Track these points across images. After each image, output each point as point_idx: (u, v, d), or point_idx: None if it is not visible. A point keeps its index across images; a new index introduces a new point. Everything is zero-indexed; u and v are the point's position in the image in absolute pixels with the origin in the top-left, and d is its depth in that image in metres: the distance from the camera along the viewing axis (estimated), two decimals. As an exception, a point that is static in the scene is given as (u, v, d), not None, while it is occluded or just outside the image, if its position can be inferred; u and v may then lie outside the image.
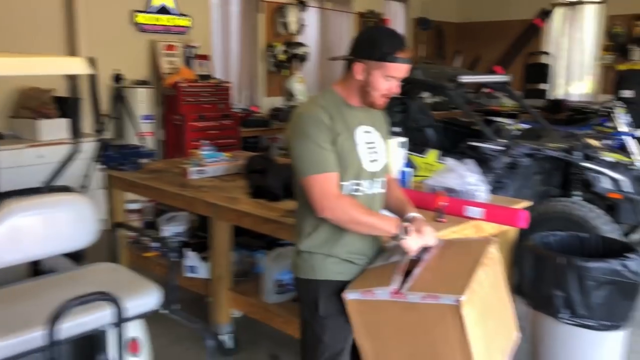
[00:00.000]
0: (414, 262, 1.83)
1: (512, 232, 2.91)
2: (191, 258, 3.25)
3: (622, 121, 5.44)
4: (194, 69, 6.17)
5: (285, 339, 3.02)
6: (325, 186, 1.80)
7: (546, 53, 9.60)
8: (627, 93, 6.68)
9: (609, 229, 3.64)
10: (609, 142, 5.35)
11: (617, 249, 2.78)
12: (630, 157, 4.83)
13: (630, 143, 5.33)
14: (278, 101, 7.43)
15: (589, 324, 2.59)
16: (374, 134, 1.97)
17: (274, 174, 2.97)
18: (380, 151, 1.97)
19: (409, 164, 4.17)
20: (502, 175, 4.08)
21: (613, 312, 2.61)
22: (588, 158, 4.13)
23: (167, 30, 6.16)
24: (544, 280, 2.65)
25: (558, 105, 8.63)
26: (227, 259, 3.05)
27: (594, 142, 4.54)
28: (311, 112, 1.84)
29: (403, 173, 3.07)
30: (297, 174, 1.85)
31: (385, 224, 1.85)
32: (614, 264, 2.55)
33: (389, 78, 1.84)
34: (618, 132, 5.46)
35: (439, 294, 1.65)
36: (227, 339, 3.12)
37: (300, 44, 7.57)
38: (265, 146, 7.01)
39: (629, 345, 2.86)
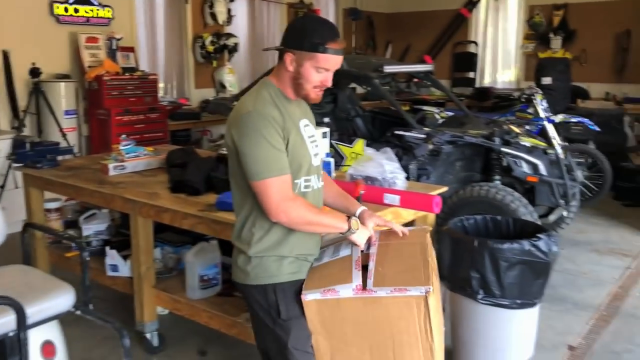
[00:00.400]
0: (364, 256, 1.85)
1: (431, 217, 2.99)
2: (112, 256, 3.17)
3: (541, 107, 5.67)
4: (118, 62, 5.98)
5: (212, 334, 3.01)
6: (283, 189, 1.74)
7: (473, 42, 9.87)
8: (546, 80, 6.97)
9: (525, 211, 3.80)
10: (530, 127, 5.57)
11: (530, 231, 2.90)
12: (550, 142, 5.05)
13: (549, 128, 5.56)
14: (208, 93, 7.32)
15: (504, 302, 2.70)
16: (312, 127, 1.93)
17: (194, 167, 2.92)
18: (320, 144, 1.96)
19: (337, 153, 4.21)
20: (426, 162, 4.19)
21: (525, 290, 2.72)
22: (507, 143, 4.29)
23: (88, 21, 5.94)
24: (461, 262, 2.74)
25: (485, 93, 8.91)
26: (149, 256, 2.99)
27: (515, 128, 4.72)
28: (263, 110, 1.75)
29: (326, 164, 3.09)
30: (250, 176, 1.75)
31: (336, 221, 1.83)
32: (525, 245, 2.66)
33: (320, 70, 1.77)
34: (538, 117, 5.69)
35: (407, 287, 1.67)
36: (152, 337, 3.07)
37: (230, 35, 7.47)
38: (196, 139, 6.90)
39: (541, 320, 3.01)
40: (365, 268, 1.79)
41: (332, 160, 3.16)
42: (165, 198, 2.79)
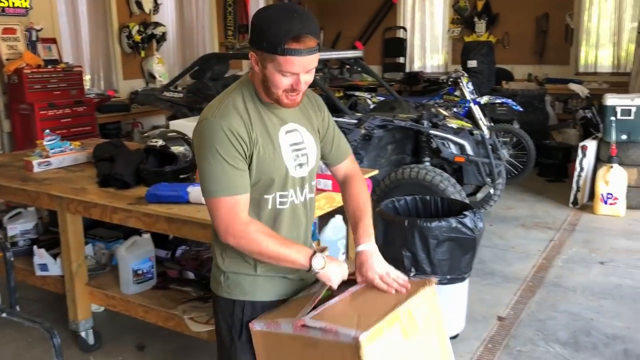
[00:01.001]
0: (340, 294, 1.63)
1: (363, 200, 3.05)
2: (41, 255, 3.07)
3: (467, 90, 5.87)
4: (40, 54, 5.74)
5: (150, 329, 2.98)
6: (233, 211, 1.55)
7: (402, 28, 10.05)
8: (472, 63, 7.20)
9: (454, 190, 3.95)
10: (457, 109, 5.77)
11: (457, 209, 3.03)
12: (477, 123, 5.26)
13: (475, 109, 5.78)
14: (138, 84, 7.13)
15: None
16: (300, 132, 1.66)
17: (122, 160, 2.86)
18: (310, 151, 1.68)
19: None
20: (358, 147, 4.26)
21: (454, 266, 2.84)
22: (435, 126, 4.43)
23: (3, 11, 5.65)
24: (393, 242, 2.83)
25: (415, 77, 9.13)
26: (80, 253, 2.92)
27: (443, 111, 4.87)
28: (222, 120, 1.52)
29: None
30: (202, 190, 1.59)
31: (297, 256, 1.57)
32: (452, 222, 2.78)
33: (285, 73, 1.49)
34: (464, 99, 5.89)
35: (339, 328, 1.45)
36: (87, 335, 3.01)
37: (157, 24, 7.30)
38: (126, 132, 6.73)
39: (472, 294, 3.15)
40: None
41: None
42: (94, 193, 2.73)
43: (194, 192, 2.50)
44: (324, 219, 2.95)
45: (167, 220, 2.47)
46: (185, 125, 3.12)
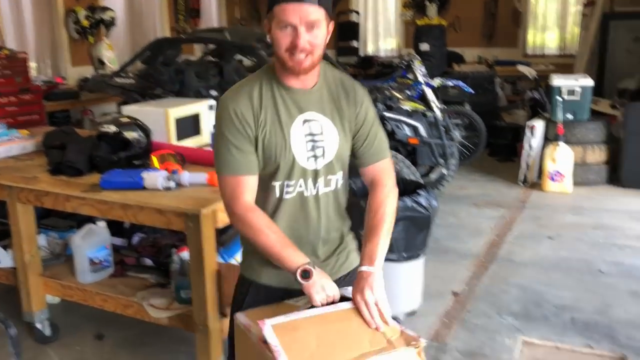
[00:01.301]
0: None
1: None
2: (-9, 247, 2.99)
3: (419, 72, 5.95)
4: (-20, 40, 5.52)
5: (108, 318, 2.94)
6: (235, 192, 1.54)
7: (355, 11, 10.08)
8: (424, 46, 7.30)
9: (408, 171, 4.03)
10: (410, 92, 5.84)
11: (412, 189, 3.09)
12: (429, 105, 5.34)
13: (428, 92, 5.87)
14: (86, 70, 6.94)
15: (391, 257, 2.87)
16: (321, 123, 1.58)
17: (74, 147, 2.80)
18: (329, 144, 1.59)
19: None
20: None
21: (410, 244, 2.92)
22: (389, 109, 4.49)
23: (-61, -4, 5.41)
24: (352, 222, 2.86)
25: (369, 61, 9.19)
26: (33, 243, 2.85)
27: (396, 94, 4.93)
28: (230, 100, 1.54)
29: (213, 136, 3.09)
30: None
31: (287, 259, 1.50)
32: (407, 201, 2.84)
33: (282, 27, 1.47)
34: (417, 82, 5.97)
35: (280, 356, 1.32)
36: (43, 326, 2.95)
37: (105, 9, 7.12)
38: (76, 120, 6.54)
39: (427, 271, 3.24)
40: None
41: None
42: (46, 181, 2.66)
43: (149, 177, 2.48)
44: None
45: (122, 207, 2.44)
46: (138, 111, 3.07)
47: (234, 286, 1.78)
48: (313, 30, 1.49)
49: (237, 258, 2.58)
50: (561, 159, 5.32)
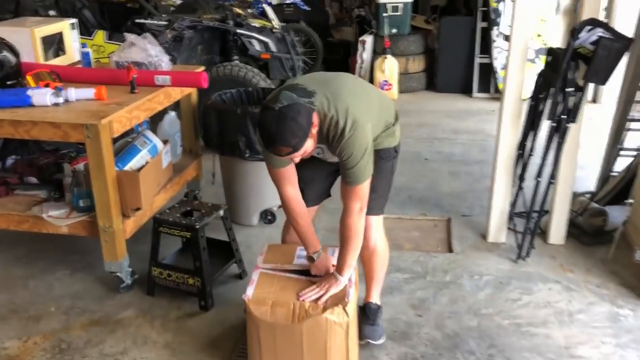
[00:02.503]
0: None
1: (193, 95, 3.35)
2: None
3: (259, -10, 6.20)
4: None
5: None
6: (278, 181, 2.17)
7: None
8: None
9: (265, 84, 4.39)
10: (252, 10, 6.09)
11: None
12: (271, 22, 5.64)
13: (268, 10, 6.16)
14: None
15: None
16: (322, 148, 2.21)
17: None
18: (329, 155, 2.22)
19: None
20: (170, 48, 4.41)
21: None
22: (239, 25, 4.74)
23: None
24: (228, 129, 3.19)
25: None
26: None
27: (241, 11, 5.17)
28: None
29: (85, 54, 3.16)
30: None
31: (308, 243, 2.22)
32: (276, 107, 3.22)
33: None
34: (258, 1, 6.22)
35: (249, 285, 2.15)
36: None
37: None
38: None
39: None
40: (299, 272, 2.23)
41: (89, 50, 3.23)
42: None
43: (37, 94, 2.57)
44: (160, 115, 3.19)
45: (12, 123, 2.51)
46: (3, 31, 3.00)
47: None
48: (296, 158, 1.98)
49: (130, 165, 2.79)
50: (388, 70, 6.05)
